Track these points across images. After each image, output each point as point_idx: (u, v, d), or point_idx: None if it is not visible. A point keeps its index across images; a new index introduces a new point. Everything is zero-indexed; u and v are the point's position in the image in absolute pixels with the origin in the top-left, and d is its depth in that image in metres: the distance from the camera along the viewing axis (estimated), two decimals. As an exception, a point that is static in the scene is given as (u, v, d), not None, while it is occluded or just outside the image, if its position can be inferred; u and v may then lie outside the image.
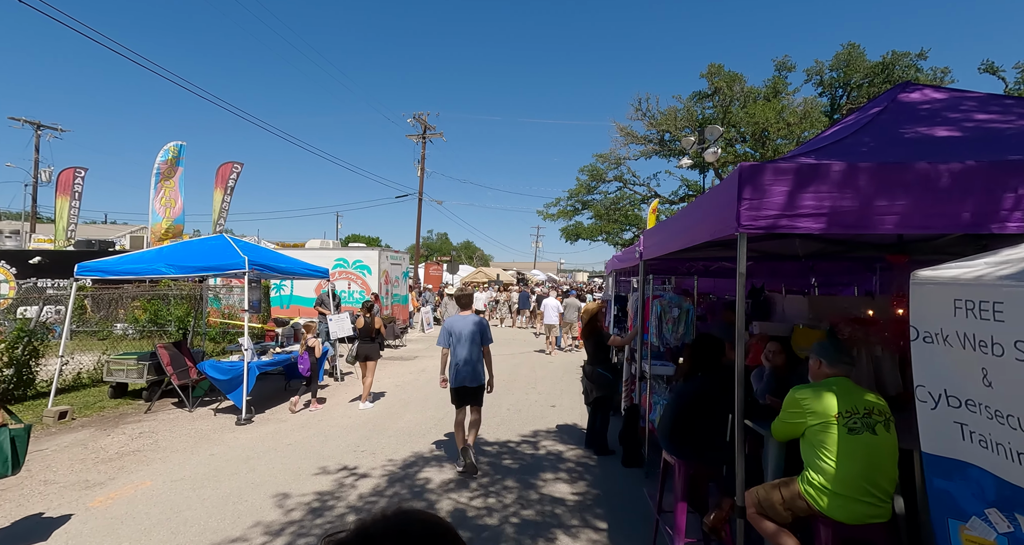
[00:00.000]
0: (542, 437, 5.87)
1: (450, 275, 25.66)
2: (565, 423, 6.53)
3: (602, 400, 5.30)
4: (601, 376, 5.29)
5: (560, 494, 4.26)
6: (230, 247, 7.04)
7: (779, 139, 17.71)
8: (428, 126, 24.96)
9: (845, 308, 4.71)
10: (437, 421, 6.45)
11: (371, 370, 7.16)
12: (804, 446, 2.42)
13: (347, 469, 4.71)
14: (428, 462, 4.93)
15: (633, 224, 25.14)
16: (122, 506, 3.92)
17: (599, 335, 5.39)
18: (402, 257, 16.68)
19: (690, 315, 4.61)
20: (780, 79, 20.19)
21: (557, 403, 7.57)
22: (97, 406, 6.94)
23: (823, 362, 2.52)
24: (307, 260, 9.77)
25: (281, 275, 8.02)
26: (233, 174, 17.00)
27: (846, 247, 4.09)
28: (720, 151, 13.71)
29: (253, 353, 7.00)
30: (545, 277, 48.41)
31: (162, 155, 14.81)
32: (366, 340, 7.15)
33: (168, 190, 14.77)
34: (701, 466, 3.09)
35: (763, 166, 2.13)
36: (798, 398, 2.43)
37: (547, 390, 8.50)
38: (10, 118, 27.31)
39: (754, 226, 2.12)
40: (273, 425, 6.27)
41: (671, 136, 22.17)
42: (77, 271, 6.60)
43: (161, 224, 14.98)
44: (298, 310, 13.93)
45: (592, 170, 24.03)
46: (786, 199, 2.08)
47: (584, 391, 5.53)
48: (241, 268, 6.65)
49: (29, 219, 26.51)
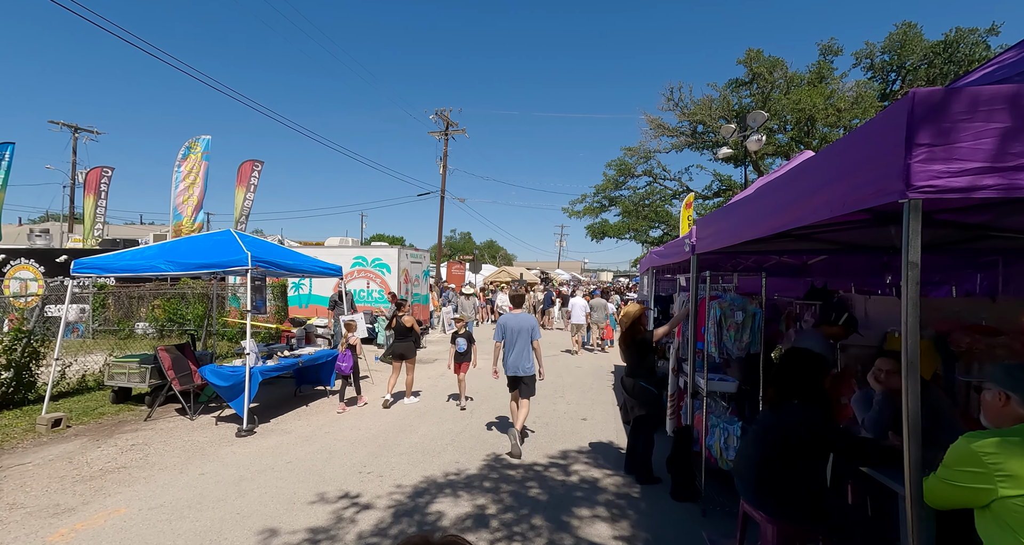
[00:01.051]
0: (573, 458, 5.11)
1: (473, 274, 25.07)
2: (599, 440, 5.75)
3: (646, 419, 4.51)
4: (645, 391, 4.49)
5: (599, 538, 3.49)
6: (234, 242, 6.53)
7: (826, 128, 16.34)
8: (451, 122, 24.45)
9: (957, 313, 3.79)
10: (455, 436, 5.77)
11: (410, 367, 7.39)
12: (987, 524, 1.60)
13: (348, 497, 4.06)
14: (442, 490, 4.23)
15: (663, 221, 24.00)
16: (84, 541, 3.36)
17: (642, 343, 4.59)
18: (423, 255, 16.12)
19: (756, 321, 3.78)
20: (826, 64, 18.75)
21: (588, 415, 6.79)
22: (96, 412, 6.53)
23: (1012, 397, 1.69)
24: (324, 258, 9.27)
25: (290, 273, 7.50)
26: (255, 172, 16.80)
27: (976, 234, 3.18)
28: (764, 139, 12.60)
29: (257, 357, 6.47)
30: (569, 276, 47.42)
31: (184, 151, 14.65)
32: (400, 338, 7.31)
33: (192, 187, 14.59)
34: (797, 527, 2.28)
35: (954, 92, 1.32)
36: (979, 452, 1.60)
37: (576, 399, 7.73)
38: (49, 121, 28.29)
39: (940, 187, 1.32)
40: (276, 438, 5.71)
41: (704, 127, 20.98)
42: (73, 268, 6.20)
43: (183, 222, 14.84)
44: (315, 310, 13.53)
45: (620, 165, 23.02)
46: (999, 142, 1.27)
47: (623, 407, 4.75)
48: (244, 265, 6.12)
49: (68, 220, 27.35)
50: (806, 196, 1.99)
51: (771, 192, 2.55)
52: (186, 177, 14.40)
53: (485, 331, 17.49)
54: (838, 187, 1.72)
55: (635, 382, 4.58)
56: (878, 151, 1.47)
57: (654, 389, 4.54)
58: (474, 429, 6.06)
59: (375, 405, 7.25)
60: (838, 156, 1.78)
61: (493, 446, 5.42)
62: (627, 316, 4.70)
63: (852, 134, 1.70)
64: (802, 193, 2.03)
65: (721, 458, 3.76)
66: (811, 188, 1.96)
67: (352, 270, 14.16)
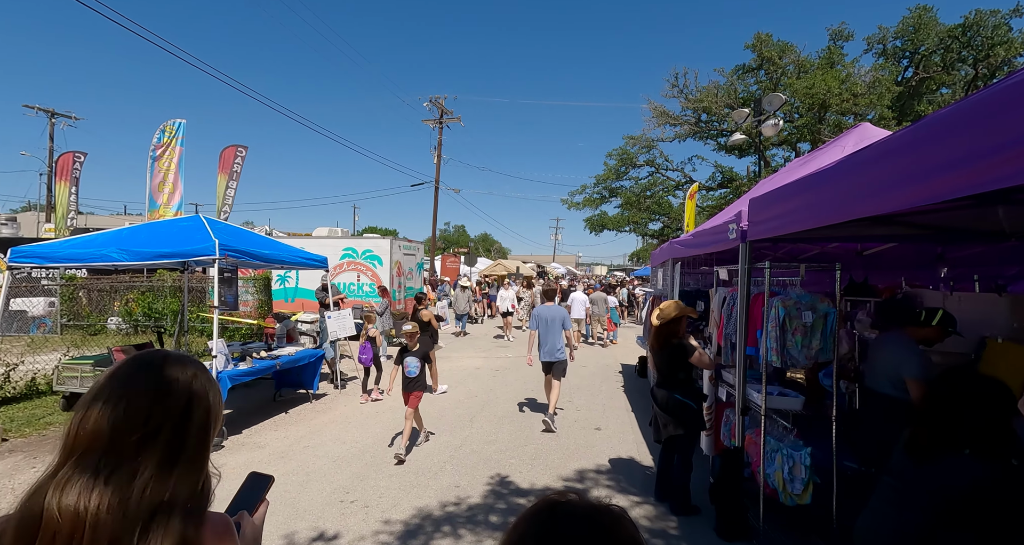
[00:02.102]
0: (592, 480, 4.39)
1: (468, 267, 24.29)
2: (618, 455, 5.04)
3: (682, 439, 3.79)
4: (682, 406, 3.77)
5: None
6: (202, 229, 5.71)
7: (841, 114, 15.59)
8: (445, 110, 23.50)
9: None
10: (454, 451, 5.02)
11: (432, 360, 6.66)
12: None
13: (324, 539, 3.31)
14: (438, 527, 3.49)
15: (664, 213, 23.29)
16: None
17: (677, 349, 3.86)
18: (416, 247, 15.29)
19: (829, 323, 3.06)
20: (836, 49, 17.99)
21: (602, 424, 6.08)
22: (42, 423, 5.72)
23: None
24: (312, 250, 8.46)
25: (267, 264, 6.71)
26: (238, 158, 15.84)
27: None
28: (781, 123, 11.87)
29: (227, 359, 5.68)
30: (565, 270, 46.75)
31: (158, 135, 13.69)
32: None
33: (167, 174, 13.65)
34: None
35: None
36: None
37: (586, 404, 7.01)
38: (24, 106, 26.95)
39: None
40: (246, 453, 4.94)
41: (709, 116, 20.21)
42: (10, 257, 5.36)
43: (159, 211, 13.90)
44: (302, 304, 12.70)
45: (622, 154, 22.21)
46: None
47: (654, 424, 4.03)
48: (211, 254, 5.32)
49: (44, 209, 26.18)
50: (972, 159, 1.24)
51: (883, 158, 1.81)
52: (160, 162, 13.45)
53: (484, 329, 16.75)
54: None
55: (669, 395, 3.86)
56: None
57: (693, 403, 3.81)
58: (475, 442, 5.33)
59: (363, 412, 6.49)
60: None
61: (498, 464, 4.69)
62: (664, 315, 3.95)
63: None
64: (962, 157, 1.28)
65: (784, 491, 3.06)
66: (975, 150, 1.22)
67: (341, 262, 13.33)
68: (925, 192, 1.53)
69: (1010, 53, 15.34)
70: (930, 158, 1.53)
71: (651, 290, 8.40)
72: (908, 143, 1.67)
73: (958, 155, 1.42)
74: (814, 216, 2.46)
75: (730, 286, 4.12)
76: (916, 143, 1.60)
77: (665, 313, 3.88)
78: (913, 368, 2.79)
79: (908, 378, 2.81)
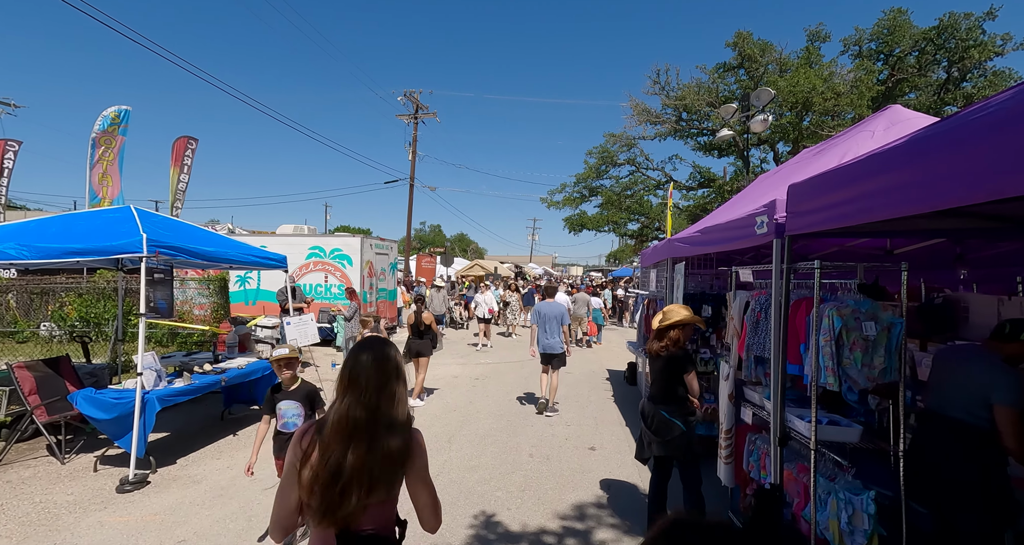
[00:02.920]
0: (593, 517, 3.74)
1: (444, 268, 23.42)
2: (616, 478, 4.43)
3: (682, 468, 3.21)
4: (667, 425, 3.21)
5: None
6: (129, 222, 4.80)
7: (823, 114, 15.48)
8: (420, 105, 22.58)
9: None
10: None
11: (423, 366, 6.85)
12: None
13: (258, 621, 2.55)
14: (411, 595, 2.76)
15: (643, 213, 22.99)
16: None
17: (682, 358, 3.26)
18: (389, 246, 14.40)
19: (895, 336, 2.50)
20: (814, 49, 17.99)
21: (596, 442, 5.45)
22: (-77, 455, 4.71)
23: None
24: (276, 249, 7.55)
25: (211, 263, 5.81)
26: (188, 151, 14.62)
27: None
28: (771, 118, 11.58)
29: (159, 376, 4.79)
30: (542, 271, 46.28)
31: (101, 122, 12.40)
32: (415, 336, 6.90)
33: (107, 165, 12.38)
34: None
35: None
36: None
37: (576, 419, 6.38)
38: (-44, 92, 24.67)
39: None
40: (178, 491, 4.10)
41: (690, 114, 19.99)
42: None
43: (100, 205, 12.60)
44: (264, 307, 11.68)
45: (602, 152, 21.79)
46: None
47: (640, 440, 3.44)
48: (136, 251, 4.43)
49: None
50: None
51: (980, 133, 1.23)
52: (100, 150, 12.18)
53: (461, 334, 15.99)
54: None
55: (656, 411, 3.27)
56: None
57: (681, 424, 3.22)
58: (454, 468, 4.62)
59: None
60: None
61: (482, 498, 3.99)
62: (669, 321, 3.33)
63: None
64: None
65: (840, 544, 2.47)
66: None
67: (307, 262, 12.36)
68: (955, 194, 0.94)
69: (983, 56, 15.58)
70: (978, 151, 0.94)
71: (644, 292, 7.82)
72: (924, 143, 1.07)
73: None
74: (872, 207, 1.87)
75: (754, 290, 3.53)
76: (930, 144, 0.99)
77: (672, 316, 3.28)
78: (1008, 394, 2.25)
79: (1000, 405, 2.27)
